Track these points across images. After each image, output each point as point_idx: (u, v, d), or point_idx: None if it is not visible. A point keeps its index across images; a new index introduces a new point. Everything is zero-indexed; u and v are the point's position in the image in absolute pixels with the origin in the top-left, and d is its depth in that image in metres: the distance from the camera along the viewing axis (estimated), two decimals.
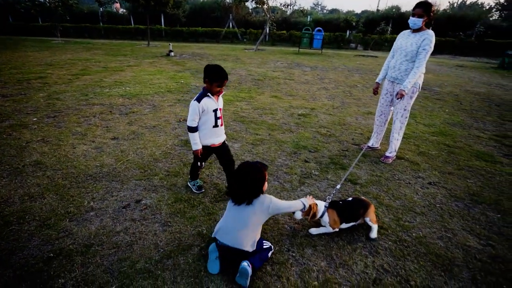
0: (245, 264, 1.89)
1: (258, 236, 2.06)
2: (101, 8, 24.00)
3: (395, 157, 3.78)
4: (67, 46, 16.27)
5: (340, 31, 22.40)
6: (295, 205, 2.19)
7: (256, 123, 4.91)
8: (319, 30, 16.71)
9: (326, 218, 2.29)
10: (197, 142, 2.58)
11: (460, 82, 9.82)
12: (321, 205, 2.32)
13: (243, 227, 1.98)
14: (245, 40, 23.07)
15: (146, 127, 4.56)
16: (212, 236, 2.08)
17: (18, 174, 3.13)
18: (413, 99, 3.48)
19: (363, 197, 2.47)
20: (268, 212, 2.04)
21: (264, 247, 2.07)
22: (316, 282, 1.95)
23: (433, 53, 3.87)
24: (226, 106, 5.74)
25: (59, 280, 1.90)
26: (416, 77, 3.24)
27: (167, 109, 5.42)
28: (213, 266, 1.99)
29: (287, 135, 4.49)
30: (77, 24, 23.98)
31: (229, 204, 2.11)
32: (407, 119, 3.58)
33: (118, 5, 25.43)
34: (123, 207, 2.67)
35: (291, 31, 22.79)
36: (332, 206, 2.34)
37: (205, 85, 2.50)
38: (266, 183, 2.12)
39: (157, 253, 2.17)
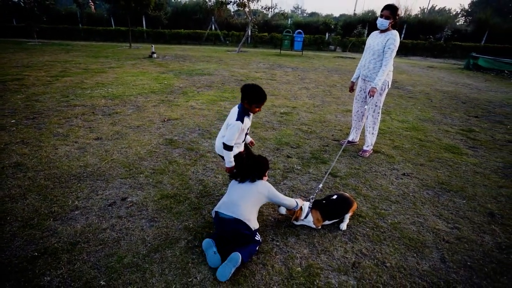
0: (237, 253, 1.94)
1: (256, 222, 2.15)
2: (79, 9, 23.18)
3: (372, 151, 3.94)
4: (44, 48, 15.59)
5: (319, 34, 22.86)
6: (290, 201, 2.30)
7: None
8: (299, 33, 16.99)
9: (310, 218, 2.37)
10: (232, 160, 2.45)
11: (431, 81, 10.31)
12: (305, 206, 2.39)
13: (247, 200, 2.12)
14: (227, 42, 23.03)
15: (130, 127, 4.49)
16: (213, 211, 2.16)
17: None
18: (383, 95, 3.64)
19: (347, 194, 2.54)
20: (267, 196, 2.18)
21: (256, 238, 2.12)
22: (299, 268, 2.02)
23: (406, 55, 4.07)
24: (210, 106, 5.75)
25: (45, 278, 1.86)
26: (385, 75, 3.39)
27: (151, 110, 5.35)
28: (214, 259, 1.99)
29: (270, 132, 4.56)
30: (55, 25, 23.02)
31: (232, 183, 2.27)
32: (379, 115, 3.74)
33: (92, 4, 24.67)
34: (109, 205, 2.64)
35: (272, 33, 22.98)
36: (315, 206, 2.41)
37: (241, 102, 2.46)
38: (266, 174, 2.33)
39: (144, 247, 2.16)
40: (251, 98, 2.39)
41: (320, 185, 2.63)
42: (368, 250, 2.21)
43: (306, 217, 2.36)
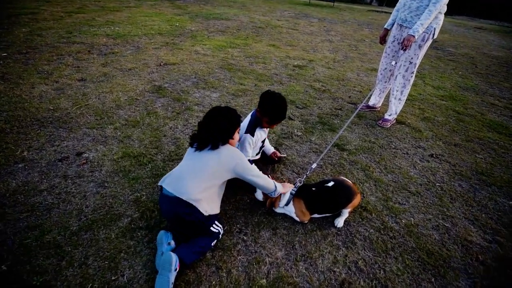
0: (170, 253, 1.27)
1: (213, 205, 1.44)
2: None
3: (394, 121, 2.95)
4: None
5: None
6: (266, 182, 1.52)
7: (244, 72, 4.00)
8: None
9: (291, 208, 1.61)
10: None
11: (477, 44, 8.25)
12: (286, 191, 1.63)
13: (199, 174, 1.38)
14: None
15: (120, 69, 3.71)
16: (158, 184, 1.44)
17: None
18: (424, 49, 2.49)
19: (348, 182, 1.69)
20: (234, 170, 1.42)
21: (212, 230, 1.44)
22: (264, 280, 1.35)
23: (450, 14, 2.75)
24: (216, 52, 4.75)
25: None
26: (431, 18, 2.22)
27: (150, 52, 4.48)
28: (160, 262, 1.33)
29: (275, 87, 3.62)
30: None
31: (189, 151, 1.50)
32: (413, 75, 2.64)
33: None
34: (59, 160, 2.03)
35: None
36: (301, 192, 1.63)
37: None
38: (236, 135, 1.50)
39: (77, 221, 1.57)
40: (269, 115, 1.69)
41: (314, 164, 1.80)
42: (366, 263, 1.47)
43: (286, 204, 1.62)
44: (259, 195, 1.67)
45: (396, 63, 2.49)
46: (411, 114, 3.21)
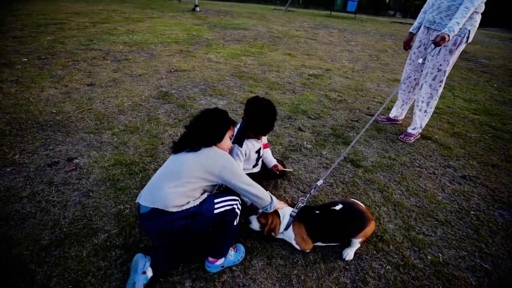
0: (139, 255, 1.16)
1: (201, 195, 1.24)
2: None
3: (419, 136, 2.62)
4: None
5: None
6: (260, 192, 1.28)
7: (255, 79, 3.84)
8: None
9: (290, 233, 1.37)
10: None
11: None
12: (285, 211, 1.39)
13: (174, 176, 1.17)
14: (277, 1, 20.48)
15: (130, 75, 3.70)
16: (136, 201, 1.22)
17: None
18: (455, 54, 2.19)
19: (360, 206, 1.42)
20: (219, 175, 1.20)
21: (218, 212, 1.22)
22: None
23: (481, 25, 2.43)
24: (229, 60, 4.66)
25: None
26: (468, 15, 1.91)
27: (163, 59, 4.47)
28: None
29: (287, 96, 3.41)
30: None
31: (168, 159, 1.31)
32: (441, 85, 2.32)
33: None
34: (49, 165, 1.93)
35: None
36: (302, 216, 1.38)
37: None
38: (227, 139, 1.30)
39: (49, 235, 1.42)
40: (251, 125, 1.48)
41: (320, 181, 1.54)
42: None
43: (286, 229, 1.37)
44: (254, 225, 1.41)
45: (423, 61, 2.17)
46: (439, 129, 2.86)
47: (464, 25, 2.02)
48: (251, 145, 1.58)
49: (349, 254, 1.38)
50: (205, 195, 1.23)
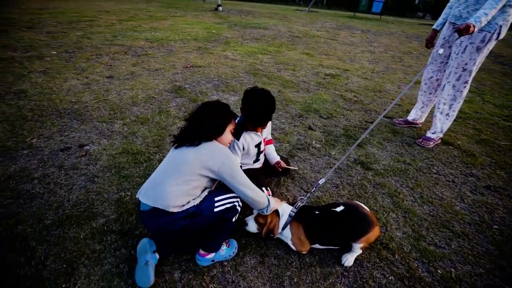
0: (145, 239, 1.17)
1: (202, 194, 1.19)
2: None
3: (439, 141, 2.43)
4: None
5: None
6: (257, 193, 1.20)
7: (269, 77, 3.79)
8: None
9: (287, 233, 1.30)
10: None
11: None
12: (284, 209, 1.32)
13: (174, 174, 1.13)
14: (300, 2, 20.27)
15: (148, 69, 3.78)
16: (136, 197, 1.21)
17: None
18: (483, 53, 1.99)
19: (364, 209, 1.32)
20: (218, 171, 1.14)
21: (219, 210, 1.19)
22: None
23: None
24: (245, 58, 4.64)
25: None
26: (499, 7, 1.72)
27: (181, 55, 4.54)
28: (142, 275, 1.14)
29: (300, 94, 3.32)
30: None
31: (169, 153, 1.25)
32: (466, 87, 2.13)
33: None
34: (61, 150, 2.01)
35: None
36: (300, 216, 1.31)
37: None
38: (227, 133, 1.26)
39: (53, 215, 1.46)
40: (247, 115, 1.43)
41: (322, 180, 1.46)
42: None
43: (283, 229, 1.30)
44: (251, 227, 1.34)
45: (443, 50, 1.96)
46: (463, 134, 2.64)
47: (495, 19, 1.83)
48: (249, 139, 1.53)
49: (348, 259, 1.29)
50: (206, 192, 1.19)
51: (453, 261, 1.36)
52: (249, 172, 1.62)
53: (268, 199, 1.24)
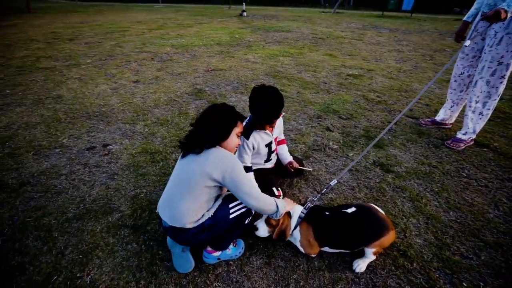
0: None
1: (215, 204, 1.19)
2: None
3: (472, 142, 2.22)
4: (163, 9, 16.87)
5: None
6: (264, 203, 1.14)
7: (289, 79, 3.75)
8: None
9: (296, 234, 1.25)
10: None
11: None
12: (295, 210, 1.27)
13: (185, 191, 1.12)
14: (326, 4, 19.94)
15: (171, 73, 3.95)
16: (156, 211, 1.23)
17: (36, 104, 2.94)
18: None
19: (379, 211, 1.23)
20: (220, 180, 1.10)
21: (234, 216, 1.18)
22: None
23: None
24: (267, 60, 4.64)
25: None
26: None
27: (203, 59, 4.68)
28: (183, 261, 1.21)
29: (320, 95, 3.24)
30: None
31: (177, 163, 1.25)
32: (503, 82, 1.92)
33: None
34: (87, 149, 2.15)
35: None
36: (310, 217, 1.26)
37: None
38: (233, 137, 1.21)
39: (75, 209, 1.57)
40: (254, 112, 1.42)
41: (335, 180, 1.39)
42: None
43: (293, 230, 1.26)
44: (262, 231, 1.28)
45: (469, 42, 1.76)
46: (501, 136, 2.38)
47: None
48: (259, 138, 1.51)
49: (360, 265, 1.21)
50: (220, 200, 1.18)
51: (482, 274, 1.22)
52: (261, 172, 1.61)
53: (277, 205, 1.18)
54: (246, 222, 1.22)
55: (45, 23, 9.50)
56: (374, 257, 1.22)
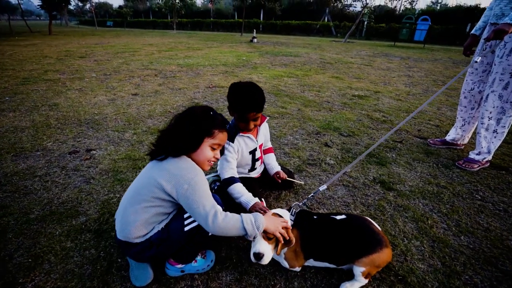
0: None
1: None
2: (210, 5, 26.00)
3: (487, 164, 2.07)
4: (176, 35, 18.07)
5: (457, 24, 17.47)
6: (227, 224, 0.96)
7: (291, 97, 3.76)
8: (424, 20, 13.30)
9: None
10: (240, 196, 1.34)
11: None
12: (285, 216, 1.15)
13: (136, 199, 1.01)
14: (338, 35, 20.89)
15: (172, 88, 4.05)
16: (114, 217, 1.17)
17: (31, 111, 3.02)
18: None
19: (370, 221, 1.12)
20: (176, 195, 0.96)
21: (189, 228, 1.04)
22: None
23: None
24: (271, 80, 4.74)
25: None
26: None
27: (206, 77, 4.82)
28: (139, 273, 1.09)
29: (321, 113, 3.20)
30: (192, 19, 26.74)
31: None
32: None
33: None
34: (70, 153, 2.13)
35: (391, 23, 19.25)
36: (298, 221, 1.14)
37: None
38: (205, 149, 1.04)
39: (40, 210, 1.50)
40: (232, 106, 1.37)
41: (324, 186, 1.27)
42: None
43: None
44: (267, 255, 1.03)
45: (480, 58, 1.70)
46: None
47: None
48: (243, 143, 1.45)
49: None
50: (173, 213, 1.06)
51: None
52: (245, 182, 1.51)
53: (243, 223, 0.97)
54: (210, 234, 1.04)
55: (61, 43, 10.25)
56: (365, 281, 1.06)
